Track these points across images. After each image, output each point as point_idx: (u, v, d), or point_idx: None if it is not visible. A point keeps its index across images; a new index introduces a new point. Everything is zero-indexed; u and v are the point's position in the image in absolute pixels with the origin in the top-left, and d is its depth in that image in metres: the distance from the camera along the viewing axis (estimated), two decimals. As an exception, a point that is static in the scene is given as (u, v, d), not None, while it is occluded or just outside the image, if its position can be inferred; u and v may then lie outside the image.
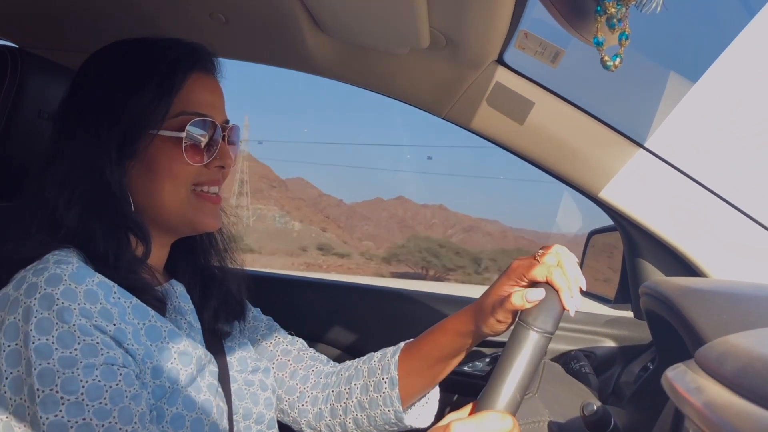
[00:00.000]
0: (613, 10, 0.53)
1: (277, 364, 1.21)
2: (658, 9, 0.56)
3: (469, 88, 1.47)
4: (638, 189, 1.45)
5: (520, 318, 0.88)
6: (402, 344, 1.17)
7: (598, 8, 0.54)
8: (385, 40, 1.31)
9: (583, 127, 1.46)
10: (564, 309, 0.89)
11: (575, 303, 0.90)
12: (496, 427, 0.80)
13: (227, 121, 1.06)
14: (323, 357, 1.26)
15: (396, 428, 1.16)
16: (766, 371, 0.51)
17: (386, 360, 1.15)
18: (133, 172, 0.98)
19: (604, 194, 1.49)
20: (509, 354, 0.83)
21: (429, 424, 1.18)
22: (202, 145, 1.01)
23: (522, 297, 0.92)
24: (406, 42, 1.30)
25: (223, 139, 1.03)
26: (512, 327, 0.92)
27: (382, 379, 1.14)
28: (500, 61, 1.43)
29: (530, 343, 0.84)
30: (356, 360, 1.22)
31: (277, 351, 1.22)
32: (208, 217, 1.03)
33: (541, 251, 0.97)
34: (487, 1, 1.08)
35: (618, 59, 0.58)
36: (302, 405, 1.19)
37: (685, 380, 0.60)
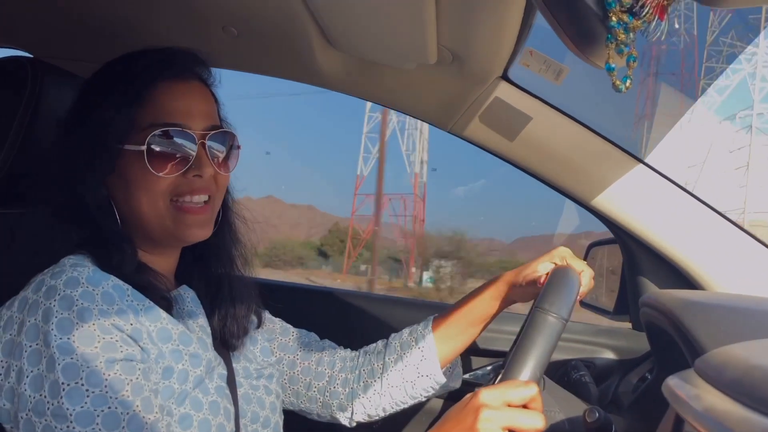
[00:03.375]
0: (623, 37, 0.56)
1: (301, 355, 1.26)
2: (663, 36, 0.59)
3: (474, 102, 1.50)
4: (638, 203, 1.48)
5: (536, 304, 0.93)
6: (430, 318, 1.27)
7: (609, 36, 0.57)
8: (394, 56, 1.35)
9: (584, 141, 1.50)
10: (579, 297, 1.01)
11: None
12: (521, 393, 0.85)
13: (213, 127, 1.03)
14: (337, 346, 1.32)
15: (430, 393, 1.25)
16: (764, 379, 0.54)
17: (418, 332, 1.25)
18: (114, 187, 1.00)
19: (605, 207, 1.52)
20: (529, 336, 0.88)
21: (459, 385, 1.30)
22: (173, 155, 0.98)
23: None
24: (414, 58, 1.33)
25: (203, 147, 1.01)
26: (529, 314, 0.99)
27: (419, 348, 1.22)
28: (504, 77, 1.46)
29: (547, 326, 0.90)
30: (378, 342, 1.30)
31: (297, 344, 1.28)
32: (191, 228, 1.02)
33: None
34: (494, 20, 1.11)
35: (628, 81, 0.61)
36: (333, 388, 1.25)
37: (686, 387, 0.63)
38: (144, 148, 0.96)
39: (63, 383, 0.82)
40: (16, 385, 0.84)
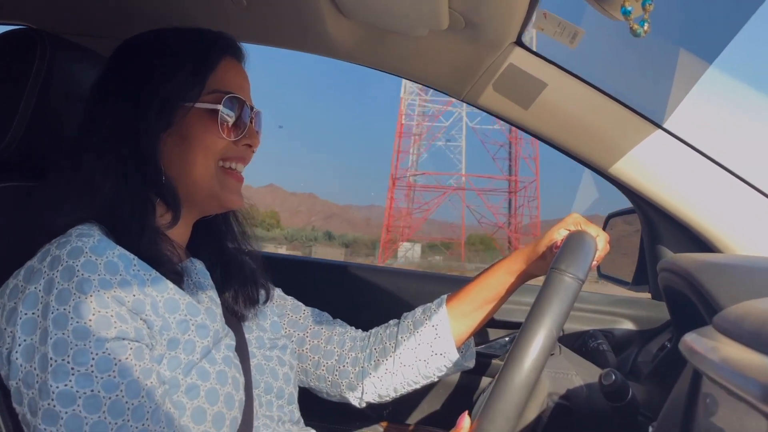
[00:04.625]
0: (636, -22, 0.54)
1: (311, 333, 1.26)
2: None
3: (488, 69, 1.48)
4: (657, 169, 1.45)
5: (552, 266, 0.92)
6: (444, 296, 1.25)
7: (621, -22, 0.55)
8: (405, 22, 1.33)
9: (602, 107, 1.47)
10: (596, 261, 1.02)
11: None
12: None
13: (253, 106, 1.11)
14: (348, 326, 1.30)
15: (443, 373, 1.23)
16: (783, 327, 0.53)
17: (431, 311, 1.23)
18: (168, 143, 1.03)
19: (623, 174, 1.49)
20: (544, 296, 0.88)
21: (473, 365, 1.28)
22: (233, 121, 1.06)
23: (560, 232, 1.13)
24: (426, 23, 1.31)
25: (251, 120, 1.09)
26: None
27: (432, 325, 1.21)
28: (518, 42, 1.44)
29: (563, 287, 0.89)
30: (389, 322, 1.29)
31: (308, 322, 1.27)
32: (233, 194, 1.08)
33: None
34: (506, -20, 1.09)
35: (646, 24, 0.59)
36: (342, 366, 1.24)
37: (704, 342, 0.61)
38: (220, 107, 1.03)
39: (51, 358, 0.82)
40: (9, 351, 0.85)
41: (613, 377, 1.00)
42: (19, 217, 1.01)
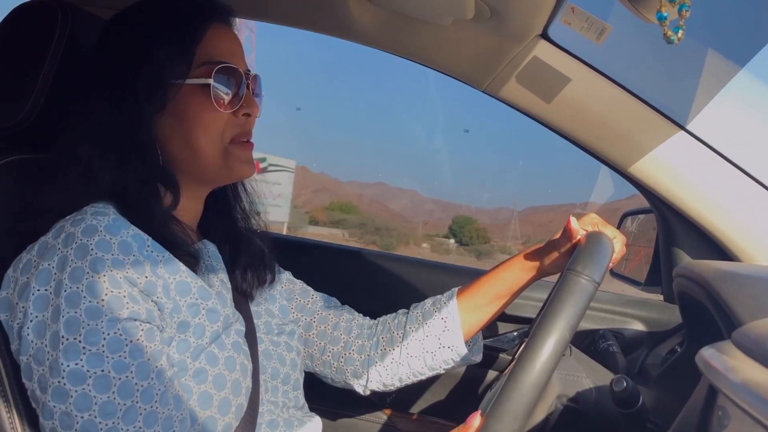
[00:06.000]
0: (675, -19, 0.52)
1: (318, 318, 1.25)
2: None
3: (511, 61, 1.46)
4: (678, 171, 1.43)
5: (568, 267, 0.91)
6: (455, 289, 1.24)
7: (660, -18, 0.53)
8: (430, 10, 1.30)
9: (625, 105, 1.45)
10: (611, 263, 0.98)
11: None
12: None
13: (249, 70, 1.06)
14: (356, 312, 1.30)
15: (450, 365, 1.22)
16: (808, 352, 0.51)
17: (441, 303, 1.22)
18: (165, 124, 0.99)
19: (643, 174, 1.47)
20: (559, 297, 0.86)
21: (480, 359, 1.27)
22: (229, 92, 1.01)
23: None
24: (451, 12, 1.29)
25: (247, 87, 1.03)
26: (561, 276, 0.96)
27: (442, 318, 1.20)
28: (544, 35, 1.41)
29: (579, 288, 0.87)
30: (398, 312, 1.28)
31: (316, 307, 1.26)
32: (242, 163, 1.04)
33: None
34: (536, -28, 1.07)
35: (680, 31, 0.57)
36: (348, 353, 1.23)
37: (722, 359, 0.60)
38: (211, 81, 0.98)
39: (63, 336, 0.81)
40: (21, 326, 0.85)
41: (625, 384, 0.98)
42: (37, 189, 1.00)
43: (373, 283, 1.85)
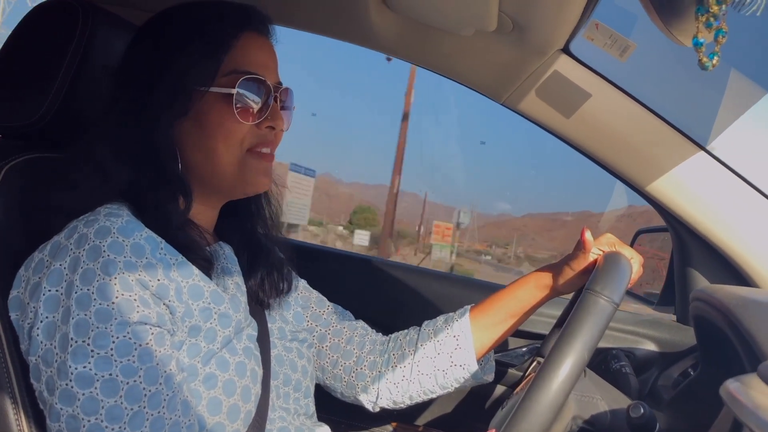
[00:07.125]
0: (715, 8, 0.51)
1: (332, 331, 1.25)
2: (759, 11, 0.54)
3: (531, 75, 1.44)
4: (697, 191, 1.41)
5: (587, 287, 0.90)
6: (467, 306, 1.22)
7: (699, 8, 0.52)
8: (452, 20, 1.29)
9: (645, 123, 1.43)
10: (630, 282, 0.97)
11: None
12: None
13: (280, 83, 1.04)
14: (369, 328, 1.29)
15: (460, 384, 1.21)
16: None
17: (454, 320, 1.21)
18: (185, 130, 0.98)
19: (660, 193, 1.46)
20: (578, 317, 0.86)
21: (492, 378, 1.26)
22: (253, 104, 0.99)
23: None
24: (473, 24, 1.28)
25: (275, 100, 1.02)
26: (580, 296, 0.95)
27: (454, 336, 1.18)
28: (566, 50, 1.40)
29: (598, 309, 0.87)
30: (410, 328, 1.26)
31: (331, 318, 1.26)
32: (260, 176, 1.02)
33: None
34: (562, -13, 1.05)
35: (715, 58, 0.56)
36: (360, 369, 1.22)
37: (749, 393, 0.59)
38: (234, 91, 0.96)
39: (72, 338, 0.81)
40: (31, 326, 0.84)
41: (642, 411, 0.97)
42: (51, 188, 1.00)
43: (387, 293, 1.84)
